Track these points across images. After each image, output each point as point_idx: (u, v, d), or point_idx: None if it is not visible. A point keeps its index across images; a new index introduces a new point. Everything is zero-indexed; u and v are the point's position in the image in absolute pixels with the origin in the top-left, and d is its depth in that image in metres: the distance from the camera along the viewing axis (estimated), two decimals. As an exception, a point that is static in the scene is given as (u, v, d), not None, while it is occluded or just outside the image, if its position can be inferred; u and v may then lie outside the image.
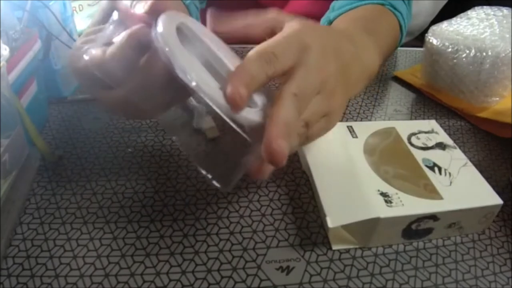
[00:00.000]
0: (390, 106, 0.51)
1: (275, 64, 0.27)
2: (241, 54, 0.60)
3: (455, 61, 0.49)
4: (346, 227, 0.32)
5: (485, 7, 0.54)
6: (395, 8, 0.56)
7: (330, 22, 0.47)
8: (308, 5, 0.67)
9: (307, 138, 0.31)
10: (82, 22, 0.66)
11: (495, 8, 0.53)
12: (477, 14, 0.52)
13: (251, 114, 0.27)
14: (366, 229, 0.31)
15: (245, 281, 0.29)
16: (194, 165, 0.30)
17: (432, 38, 0.51)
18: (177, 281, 0.29)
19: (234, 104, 0.25)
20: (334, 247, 0.32)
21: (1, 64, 0.30)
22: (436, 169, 0.35)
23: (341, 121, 0.47)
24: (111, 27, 0.29)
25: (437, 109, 0.51)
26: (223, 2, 0.68)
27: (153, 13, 0.28)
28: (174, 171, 0.38)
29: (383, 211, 0.30)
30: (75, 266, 0.29)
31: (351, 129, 0.40)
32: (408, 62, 0.63)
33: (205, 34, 0.30)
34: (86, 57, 0.28)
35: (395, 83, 0.57)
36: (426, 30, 0.53)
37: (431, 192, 0.33)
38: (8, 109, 0.31)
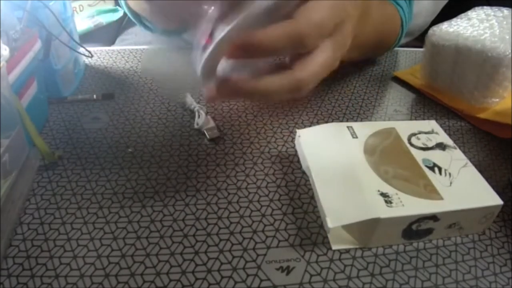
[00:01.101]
0: (390, 106, 0.51)
1: None
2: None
3: (455, 61, 0.49)
4: (346, 227, 0.32)
5: (485, 7, 0.54)
6: (396, 3, 0.57)
7: None
8: None
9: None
10: (82, 22, 0.66)
11: (495, 8, 0.53)
12: (477, 14, 0.52)
13: None
14: (366, 229, 0.31)
15: (245, 281, 0.29)
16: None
17: (432, 39, 0.51)
18: (177, 281, 0.29)
19: None
20: (334, 247, 0.32)
21: (1, 64, 0.30)
22: (436, 169, 0.35)
23: (341, 121, 0.47)
24: None
25: (437, 110, 0.51)
26: None
27: None
28: (174, 171, 0.38)
29: (383, 212, 0.30)
30: (75, 266, 0.29)
31: (351, 129, 0.40)
32: (408, 62, 0.63)
33: None
34: None
35: (395, 83, 0.57)
36: (426, 31, 0.53)
37: (431, 193, 0.33)
38: (8, 109, 0.31)
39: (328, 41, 0.29)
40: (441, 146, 0.38)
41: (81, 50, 0.52)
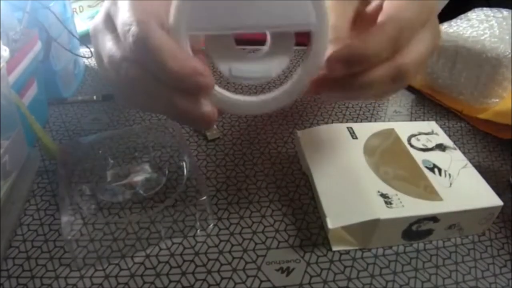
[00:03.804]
0: (390, 107, 0.51)
1: None
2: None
3: (455, 62, 0.49)
4: (346, 228, 0.32)
5: (485, 8, 0.54)
6: None
7: None
8: None
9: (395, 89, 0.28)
10: (82, 23, 0.66)
11: (495, 9, 0.53)
12: (477, 15, 0.53)
13: None
14: (366, 230, 0.31)
15: (245, 282, 0.29)
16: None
17: (432, 40, 0.51)
18: (177, 282, 0.29)
19: None
20: (334, 248, 0.32)
21: (1, 65, 0.30)
22: (436, 170, 0.35)
23: (341, 122, 0.47)
24: None
25: (437, 110, 0.51)
26: None
27: None
28: (173, 172, 0.38)
29: (383, 212, 0.30)
30: (75, 267, 0.29)
31: (351, 130, 0.40)
32: (408, 63, 0.63)
33: None
34: None
35: (395, 84, 0.57)
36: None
37: (431, 194, 0.33)
38: (8, 111, 0.31)
39: (425, 30, 0.27)
40: (441, 147, 0.38)
41: (81, 51, 0.52)
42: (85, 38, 0.55)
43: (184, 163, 0.38)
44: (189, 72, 0.22)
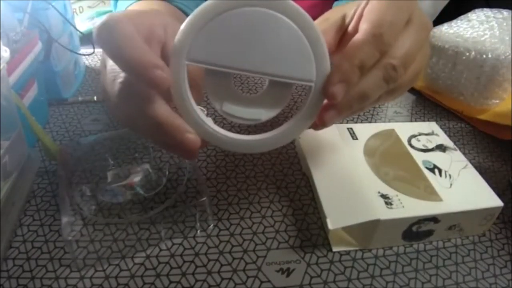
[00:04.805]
0: (390, 108, 0.51)
1: None
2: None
3: (455, 63, 0.49)
4: (346, 229, 0.32)
5: (485, 9, 0.54)
6: None
7: None
8: (310, 6, 0.67)
9: (400, 87, 0.29)
10: (82, 24, 0.66)
11: (495, 10, 0.53)
12: (477, 16, 0.53)
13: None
14: (367, 231, 0.31)
15: (245, 283, 0.29)
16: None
17: (432, 40, 0.51)
18: (177, 283, 0.29)
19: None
20: (335, 249, 0.32)
21: (2, 66, 0.30)
22: (436, 171, 0.35)
23: (341, 122, 0.47)
24: None
25: (437, 111, 0.51)
26: None
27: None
28: (174, 172, 0.38)
29: (383, 213, 0.30)
30: (75, 268, 0.29)
31: (351, 131, 0.40)
32: (408, 64, 0.63)
33: None
34: None
35: (395, 85, 0.57)
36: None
37: (432, 194, 0.33)
38: (9, 111, 0.31)
39: (408, 26, 0.28)
40: (441, 147, 0.39)
41: (81, 52, 0.52)
42: (86, 39, 0.56)
43: (184, 164, 0.38)
44: (146, 63, 0.22)
